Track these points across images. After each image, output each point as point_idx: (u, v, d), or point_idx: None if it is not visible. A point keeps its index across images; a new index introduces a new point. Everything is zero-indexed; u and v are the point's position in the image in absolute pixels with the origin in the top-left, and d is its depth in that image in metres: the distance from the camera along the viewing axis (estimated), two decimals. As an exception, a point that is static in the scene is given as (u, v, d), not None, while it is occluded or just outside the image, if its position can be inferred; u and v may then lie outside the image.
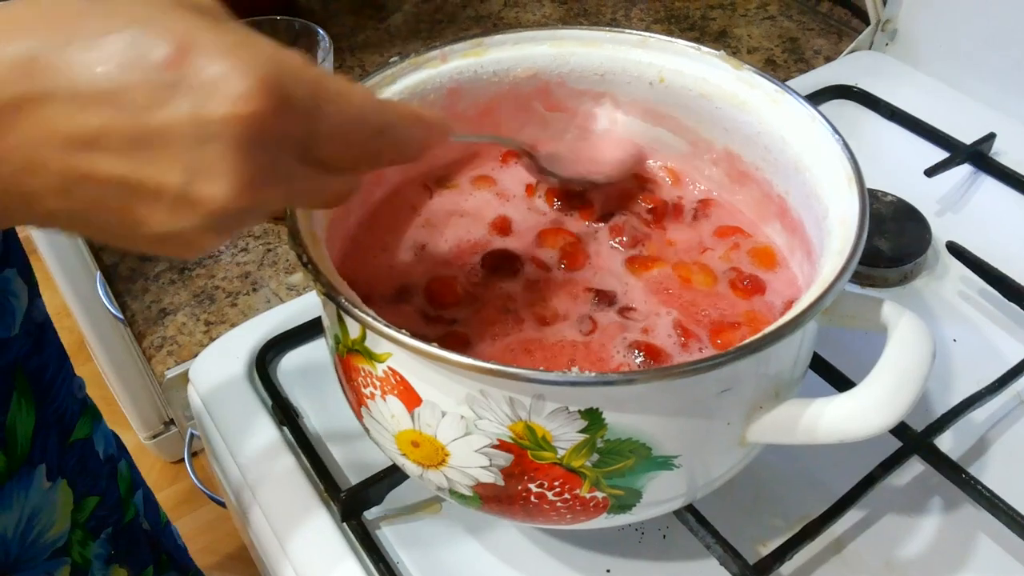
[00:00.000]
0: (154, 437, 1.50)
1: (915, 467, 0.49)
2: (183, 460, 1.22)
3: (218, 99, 0.27)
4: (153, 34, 0.27)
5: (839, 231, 0.38)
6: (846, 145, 0.41)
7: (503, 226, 0.48)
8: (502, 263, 0.45)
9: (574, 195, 0.50)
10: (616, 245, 0.47)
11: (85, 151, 0.27)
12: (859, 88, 0.75)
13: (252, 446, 0.51)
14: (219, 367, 0.55)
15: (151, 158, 0.27)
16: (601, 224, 0.48)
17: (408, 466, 0.40)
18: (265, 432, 0.52)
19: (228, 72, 0.27)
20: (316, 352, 0.56)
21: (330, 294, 0.35)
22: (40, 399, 0.58)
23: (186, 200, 0.28)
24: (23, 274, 0.54)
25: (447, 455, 0.37)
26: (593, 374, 0.33)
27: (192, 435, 1.19)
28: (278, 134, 0.28)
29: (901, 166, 0.67)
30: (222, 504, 0.81)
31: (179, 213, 0.28)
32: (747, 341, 0.33)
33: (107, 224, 0.29)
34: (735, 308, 0.43)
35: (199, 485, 1.12)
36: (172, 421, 1.49)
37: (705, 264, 0.46)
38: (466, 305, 0.43)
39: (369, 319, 0.34)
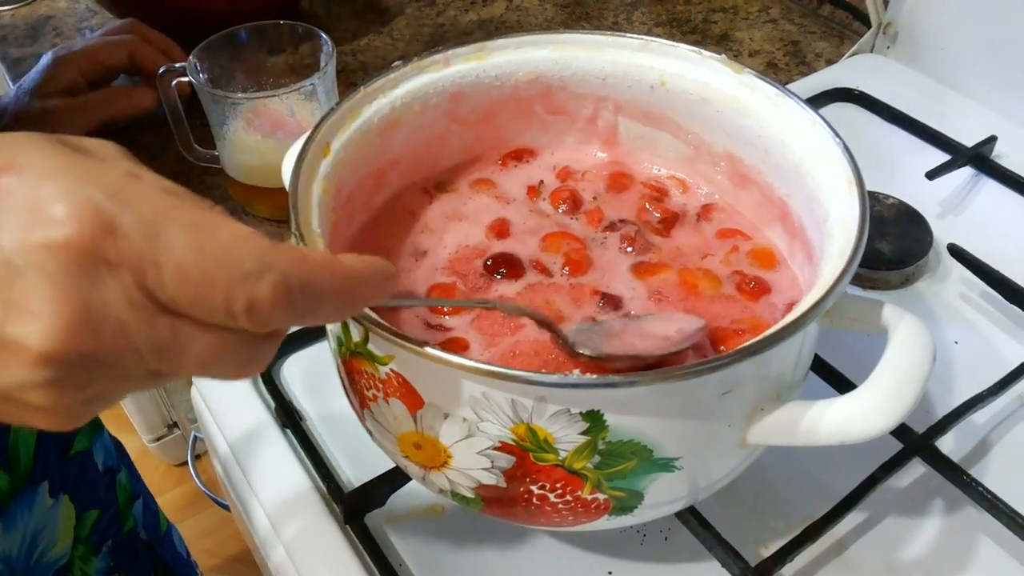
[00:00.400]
0: (157, 440, 1.51)
1: (916, 469, 0.49)
2: (186, 463, 1.23)
3: (29, 226, 0.24)
4: None
5: (840, 234, 0.38)
6: (846, 148, 0.41)
7: (504, 230, 0.48)
8: (504, 267, 0.45)
9: (580, 199, 0.50)
10: (624, 251, 0.47)
11: None
12: (860, 91, 0.75)
13: (255, 449, 0.52)
14: (223, 370, 0.56)
15: None
16: (609, 232, 0.48)
17: (411, 468, 0.40)
18: (268, 435, 0.52)
19: (44, 196, 0.24)
20: (319, 355, 0.57)
21: (333, 297, 0.35)
22: None
23: (2, 347, 0.24)
24: None
25: (449, 457, 0.37)
26: (595, 376, 0.33)
27: (195, 438, 1.19)
28: (100, 263, 0.24)
29: (902, 169, 0.68)
30: (225, 507, 0.82)
31: (1, 365, 0.24)
32: (748, 343, 0.33)
33: None
34: (743, 312, 0.43)
35: (202, 488, 1.12)
36: (176, 424, 1.50)
37: (708, 269, 0.46)
38: (467, 312, 0.43)
39: (371, 322, 0.34)
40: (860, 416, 0.35)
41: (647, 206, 0.49)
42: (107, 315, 0.24)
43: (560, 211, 0.49)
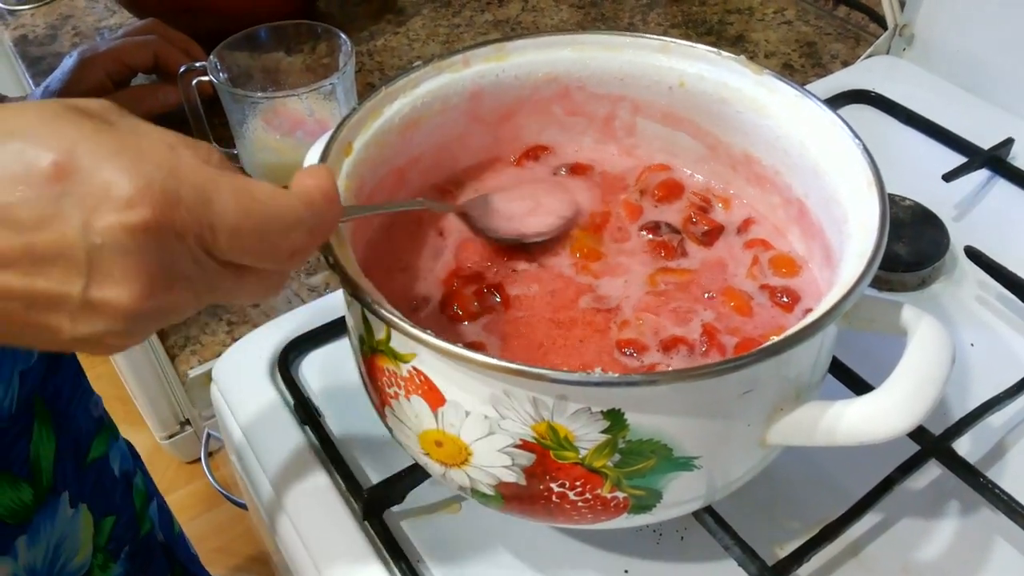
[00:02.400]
0: (170, 437, 1.51)
1: (933, 471, 0.49)
2: (199, 460, 1.23)
3: (105, 208, 0.27)
4: (35, 147, 0.27)
5: (859, 235, 0.39)
6: (866, 149, 0.41)
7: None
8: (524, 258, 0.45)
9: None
10: (650, 258, 0.47)
11: None
12: (876, 93, 0.75)
13: (274, 446, 0.52)
14: (242, 367, 0.56)
15: (49, 271, 0.28)
16: (644, 233, 0.48)
17: (431, 465, 0.41)
18: (287, 432, 0.52)
19: (112, 179, 0.28)
20: (338, 352, 0.57)
21: (356, 294, 0.36)
22: (58, 424, 0.58)
23: (89, 307, 0.29)
24: None
25: (470, 454, 0.38)
26: (616, 375, 0.33)
27: (209, 435, 1.19)
28: (171, 235, 0.29)
29: (919, 171, 0.68)
30: (239, 504, 0.82)
31: (86, 320, 0.29)
32: (768, 343, 0.34)
33: (21, 333, 0.30)
34: (776, 323, 0.43)
35: (216, 485, 1.13)
36: (188, 421, 1.51)
37: (736, 287, 0.45)
38: (485, 315, 0.43)
39: (395, 319, 0.34)
40: (879, 416, 0.35)
41: (694, 219, 0.49)
42: (177, 274, 0.30)
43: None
